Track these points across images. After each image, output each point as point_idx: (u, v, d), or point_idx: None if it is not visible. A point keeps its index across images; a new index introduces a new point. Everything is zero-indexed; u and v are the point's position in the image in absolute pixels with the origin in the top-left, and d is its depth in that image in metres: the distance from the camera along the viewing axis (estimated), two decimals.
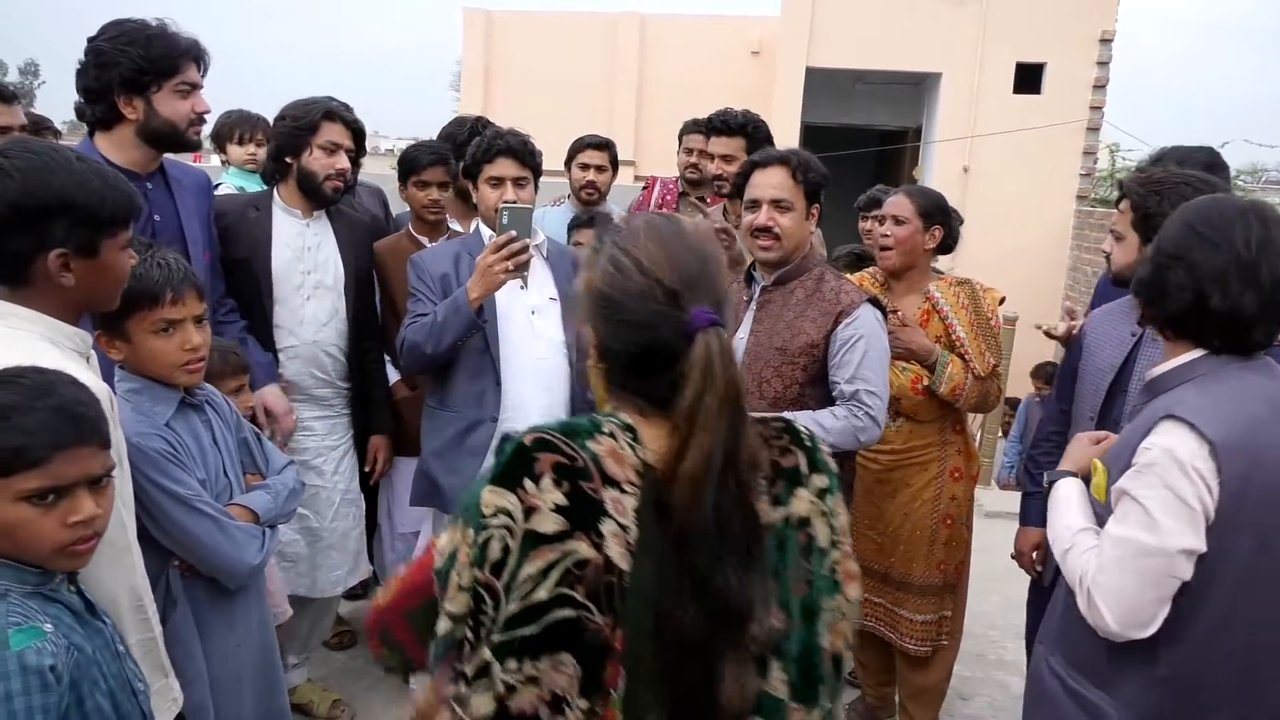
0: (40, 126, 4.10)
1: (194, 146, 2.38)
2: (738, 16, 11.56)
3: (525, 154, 2.50)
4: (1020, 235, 9.41)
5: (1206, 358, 1.51)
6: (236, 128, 3.79)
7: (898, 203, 2.73)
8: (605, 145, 3.78)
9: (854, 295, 2.32)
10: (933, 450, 2.70)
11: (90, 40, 2.21)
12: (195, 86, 2.28)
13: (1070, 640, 1.62)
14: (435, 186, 3.02)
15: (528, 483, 0.96)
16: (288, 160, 2.65)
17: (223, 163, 3.92)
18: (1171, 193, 1.94)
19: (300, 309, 2.68)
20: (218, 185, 3.38)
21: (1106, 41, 9.63)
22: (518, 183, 2.49)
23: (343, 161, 2.67)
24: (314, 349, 2.71)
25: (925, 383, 2.64)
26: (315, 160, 2.63)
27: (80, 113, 2.25)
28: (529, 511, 0.95)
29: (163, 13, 2.28)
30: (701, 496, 0.97)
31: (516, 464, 0.98)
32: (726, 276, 1.09)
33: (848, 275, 2.65)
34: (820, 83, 10.12)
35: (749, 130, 3.17)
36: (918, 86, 10.77)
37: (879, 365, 2.28)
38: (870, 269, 2.92)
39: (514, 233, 2.30)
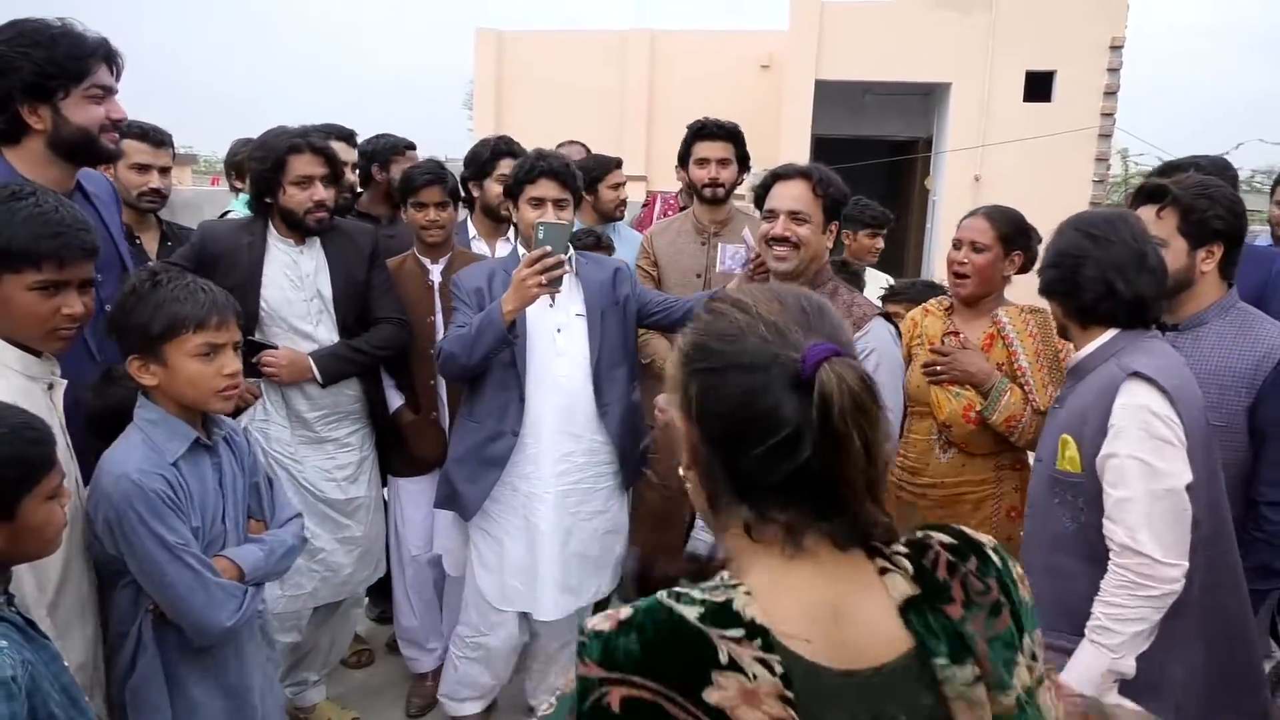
0: None
1: (111, 157, 2.11)
2: (746, 31, 11.63)
3: (567, 176, 2.54)
4: None
5: (1122, 334, 1.81)
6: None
7: (976, 226, 2.45)
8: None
9: (867, 309, 2.32)
10: (987, 487, 2.47)
11: None
12: (109, 90, 2.00)
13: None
14: (433, 207, 2.99)
15: None
16: (267, 200, 2.63)
17: (233, 189, 3.91)
18: (1218, 193, 2.07)
19: (313, 333, 2.70)
20: (227, 213, 3.38)
21: (1116, 48, 9.63)
22: (558, 204, 2.53)
23: (319, 192, 2.60)
24: None
25: (978, 409, 2.42)
26: (291, 198, 2.60)
27: None
28: None
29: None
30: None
31: None
32: (848, 331, 0.91)
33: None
34: (830, 95, 10.15)
35: (737, 135, 3.27)
36: (928, 97, 10.78)
37: (891, 381, 2.28)
38: (932, 300, 2.72)
39: (549, 248, 2.33)
